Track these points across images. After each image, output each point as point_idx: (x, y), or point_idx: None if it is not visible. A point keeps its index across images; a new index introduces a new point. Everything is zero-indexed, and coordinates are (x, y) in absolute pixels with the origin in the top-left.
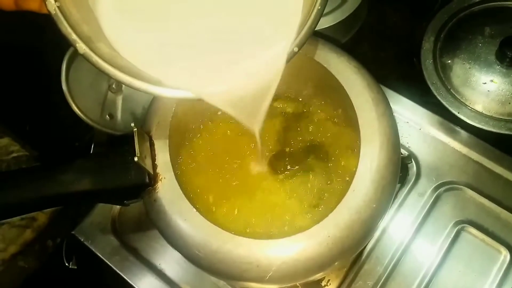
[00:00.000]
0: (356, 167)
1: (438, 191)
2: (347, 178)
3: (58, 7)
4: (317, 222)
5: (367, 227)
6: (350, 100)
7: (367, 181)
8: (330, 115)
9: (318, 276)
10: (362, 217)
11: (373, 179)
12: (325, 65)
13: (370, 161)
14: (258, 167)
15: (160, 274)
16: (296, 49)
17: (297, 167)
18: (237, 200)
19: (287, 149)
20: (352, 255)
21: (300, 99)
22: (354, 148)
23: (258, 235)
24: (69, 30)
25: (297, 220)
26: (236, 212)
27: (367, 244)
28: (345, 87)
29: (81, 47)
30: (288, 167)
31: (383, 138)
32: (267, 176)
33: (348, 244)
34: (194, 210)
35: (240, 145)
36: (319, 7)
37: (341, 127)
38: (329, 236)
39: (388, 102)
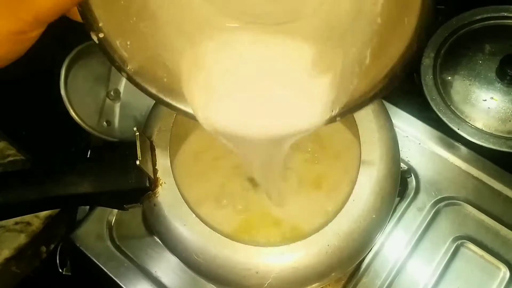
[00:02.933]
0: (356, 177)
1: (437, 206)
2: (347, 188)
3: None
4: (317, 230)
5: (366, 237)
6: None
7: (366, 191)
8: (329, 125)
9: (316, 286)
10: (362, 227)
11: (373, 190)
12: None
13: (370, 172)
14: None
15: (156, 282)
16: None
17: (296, 173)
18: (238, 206)
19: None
20: (351, 266)
21: None
22: (353, 158)
23: (258, 242)
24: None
25: (297, 228)
26: (236, 218)
27: (365, 256)
28: None
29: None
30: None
31: (383, 149)
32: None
33: (347, 254)
34: (194, 215)
35: None
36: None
37: (341, 137)
38: (328, 245)
39: (388, 113)
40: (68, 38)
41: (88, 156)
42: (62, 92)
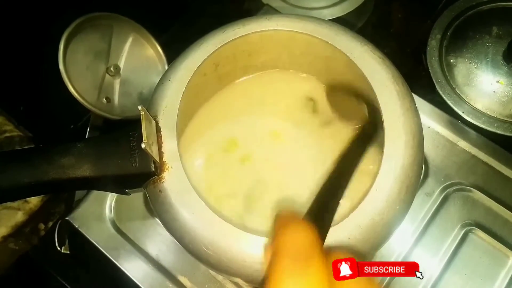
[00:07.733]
0: (380, 165)
1: (446, 192)
2: (369, 176)
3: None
4: (337, 222)
5: (388, 229)
6: (374, 92)
7: (391, 180)
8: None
9: None
10: (385, 219)
11: (397, 178)
12: (347, 54)
13: (395, 159)
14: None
15: (156, 264)
16: None
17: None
18: (252, 194)
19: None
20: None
21: (318, 89)
22: (377, 145)
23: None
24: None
25: None
26: (250, 207)
27: None
28: (368, 79)
29: None
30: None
31: (408, 135)
32: (286, 170)
33: (367, 248)
34: (203, 203)
35: (257, 133)
36: None
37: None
38: (349, 238)
39: (413, 96)
40: (66, 11)
41: (87, 135)
42: (61, 66)
